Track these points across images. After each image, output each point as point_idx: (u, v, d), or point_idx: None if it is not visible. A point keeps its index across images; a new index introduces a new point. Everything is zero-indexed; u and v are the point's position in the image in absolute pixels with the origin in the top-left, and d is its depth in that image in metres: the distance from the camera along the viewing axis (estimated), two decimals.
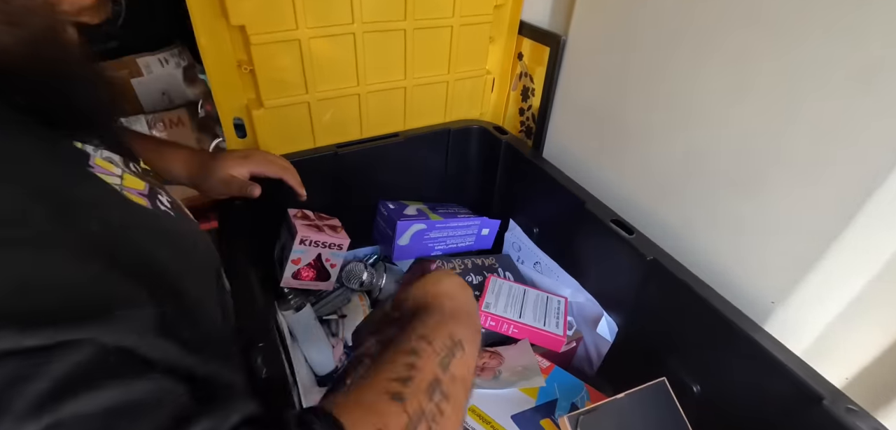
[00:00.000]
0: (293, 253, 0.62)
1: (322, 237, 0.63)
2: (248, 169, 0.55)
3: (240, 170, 0.54)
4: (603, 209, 0.61)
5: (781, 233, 0.47)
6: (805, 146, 0.44)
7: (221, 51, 0.54)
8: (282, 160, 0.60)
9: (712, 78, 0.50)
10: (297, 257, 0.63)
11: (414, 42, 0.65)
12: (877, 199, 0.41)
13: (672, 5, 0.53)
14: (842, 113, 0.41)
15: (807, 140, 0.44)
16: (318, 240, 0.63)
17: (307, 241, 0.62)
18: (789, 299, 0.49)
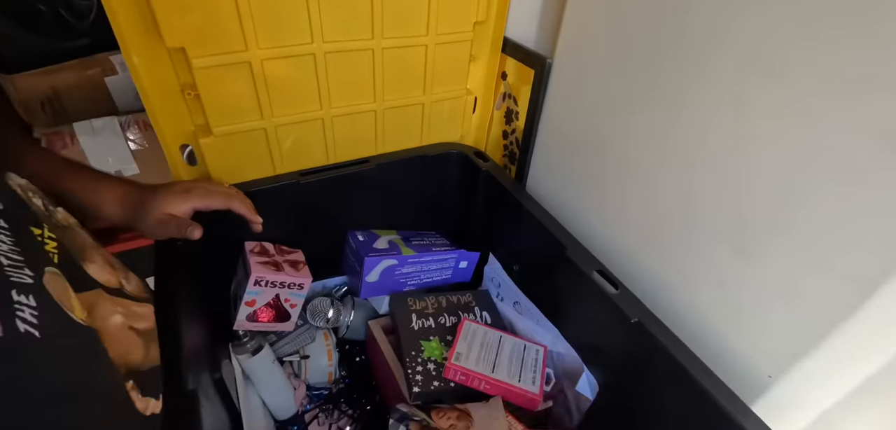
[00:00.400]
0: (247, 294, 0.57)
1: (280, 277, 0.58)
2: (190, 205, 0.49)
3: (179, 207, 0.49)
4: (586, 258, 0.55)
5: (786, 303, 0.42)
6: (821, 213, 0.38)
7: (159, 73, 0.49)
8: (229, 189, 0.54)
9: (715, 121, 0.44)
10: (251, 299, 0.57)
11: (384, 63, 0.59)
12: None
13: (669, 34, 0.46)
14: (866, 179, 0.35)
15: (824, 207, 0.38)
16: (275, 280, 0.58)
17: (263, 281, 0.57)
18: (788, 375, 0.44)
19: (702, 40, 0.44)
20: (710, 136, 0.45)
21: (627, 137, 0.54)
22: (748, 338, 0.46)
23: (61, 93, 0.79)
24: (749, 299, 0.45)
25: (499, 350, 0.60)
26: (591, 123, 0.58)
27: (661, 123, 0.49)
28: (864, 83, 0.34)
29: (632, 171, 0.54)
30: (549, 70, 0.63)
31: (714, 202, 0.46)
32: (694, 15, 0.44)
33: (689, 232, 0.49)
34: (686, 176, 0.48)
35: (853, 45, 0.34)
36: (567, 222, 0.60)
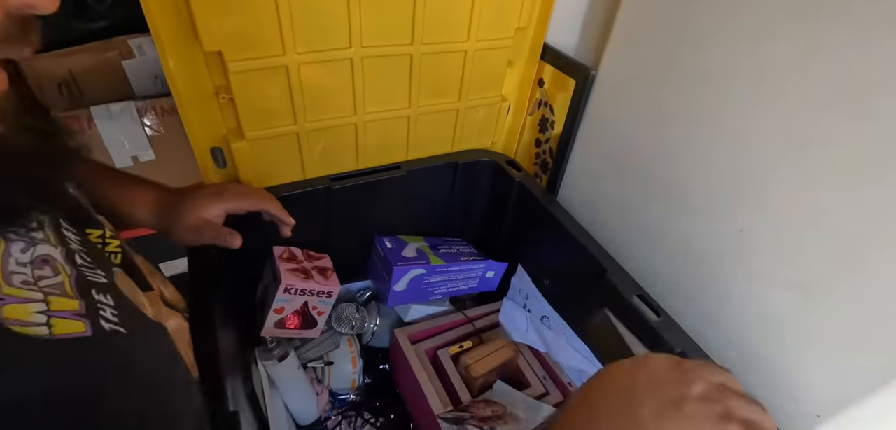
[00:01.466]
0: (276, 302, 0.55)
1: (309, 285, 0.57)
2: (222, 208, 0.48)
3: (212, 211, 0.47)
4: (626, 281, 0.54)
5: (844, 344, 0.41)
6: (886, 264, 0.36)
7: (195, 76, 0.46)
8: (260, 191, 0.53)
9: (778, 152, 0.42)
10: (280, 306, 0.56)
11: (421, 68, 0.57)
12: None
13: (731, 54, 0.44)
14: None
15: (889, 259, 0.36)
16: (304, 288, 0.57)
17: (293, 289, 0.56)
18: (839, 417, 0.43)
19: (774, 70, 0.41)
20: (774, 161, 0.43)
21: (677, 156, 0.51)
22: (799, 375, 0.44)
23: (78, 75, 0.76)
24: (800, 338, 0.43)
25: None
26: (635, 141, 0.56)
27: (714, 151, 0.47)
28: None
29: (678, 194, 0.52)
30: (593, 81, 0.60)
31: (775, 234, 0.44)
32: (769, 48, 0.41)
33: (738, 263, 0.47)
34: (743, 203, 0.46)
35: None
36: (600, 239, 0.59)
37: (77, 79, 0.77)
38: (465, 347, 0.64)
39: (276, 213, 0.52)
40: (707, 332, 0.50)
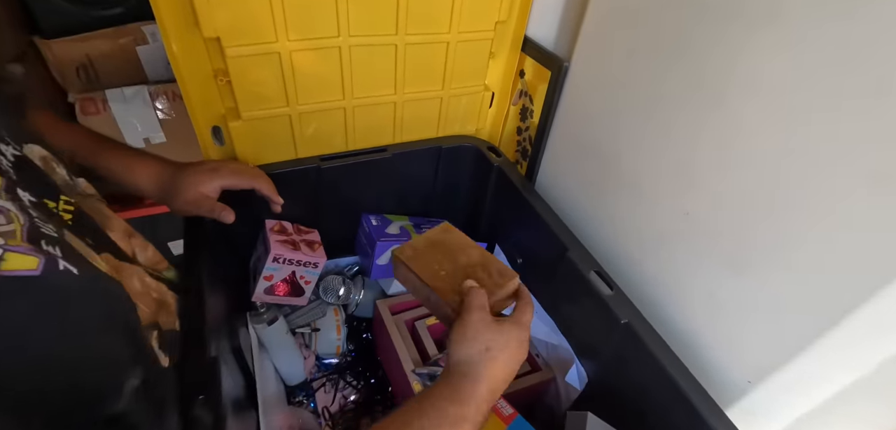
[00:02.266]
0: (266, 270, 0.61)
1: (297, 256, 0.62)
2: (218, 183, 0.53)
3: (209, 186, 0.52)
4: (586, 258, 0.58)
5: (770, 313, 0.45)
6: (813, 234, 0.40)
7: (195, 60, 0.52)
8: (254, 169, 0.58)
9: (720, 142, 0.46)
10: (269, 274, 0.62)
11: (406, 57, 0.61)
12: (879, 300, 0.38)
13: (684, 56, 0.48)
14: (856, 206, 0.37)
15: (816, 228, 0.40)
16: (292, 258, 0.62)
17: (281, 259, 0.61)
18: (766, 382, 0.47)
19: (710, 62, 0.45)
20: (714, 154, 0.47)
21: (634, 147, 0.56)
22: (732, 345, 0.49)
23: (95, 60, 0.82)
24: (736, 310, 0.48)
25: None
26: (601, 130, 0.61)
27: (667, 138, 0.51)
28: (860, 122, 0.36)
29: (636, 180, 0.56)
30: (566, 73, 0.64)
31: (713, 218, 0.48)
32: (711, 49, 0.45)
33: (686, 243, 0.52)
34: (688, 190, 0.50)
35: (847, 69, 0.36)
36: (572, 222, 0.63)
37: (94, 63, 0.83)
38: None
39: (267, 192, 0.57)
40: (656, 304, 0.55)
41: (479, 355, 0.36)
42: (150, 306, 0.41)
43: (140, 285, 0.41)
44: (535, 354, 0.68)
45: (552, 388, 0.67)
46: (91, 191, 0.43)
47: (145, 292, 0.42)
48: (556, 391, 0.66)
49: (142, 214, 0.86)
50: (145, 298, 0.41)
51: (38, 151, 0.38)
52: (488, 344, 0.36)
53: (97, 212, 0.42)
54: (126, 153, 0.52)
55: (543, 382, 0.65)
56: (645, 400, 0.52)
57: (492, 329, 0.37)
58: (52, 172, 0.38)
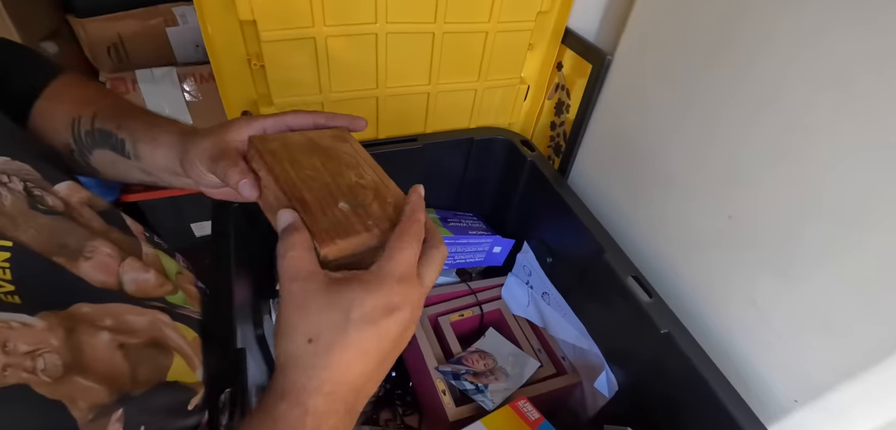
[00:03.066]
0: None
1: None
2: (258, 125, 0.37)
3: (236, 133, 0.36)
4: (623, 262, 0.56)
5: (822, 328, 0.42)
6: (879, 244, 0.38)
7: (230, 43, 0.51)
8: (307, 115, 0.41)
9: (774, 141, 0.43)
10: None
11: (443, 46, 0.59)
12: None
13: (741, 49, 0.45)
14: None
15: (883, 238, 0.37)
16: None
17: None
18: (816, 403, 0.45)
19: (774, 61, 0.42)
20: (767, 154, 0.44)
21: (677, 145, 0.53)
22: (780, 362, 0.46)
23: (126, 39, 0.82)
24: (783, 322, 0.45)
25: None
26: (642, 127, 0.58)
27: (715, 137, 0.49)
28: None
29: (677, 181, 0.54)
30: (608, 67, 0.61)
31: (761, 222, 0.46)
32: (771, 44, 0.42)
33: (728, 248, 0.49)
34: (734, 192, 0.47)
35: None
36: (606, 222, 0.61)
37: (125, 42, 0.83)
38: (465, 315, 0.67)
39: (338, 123, 0.41)
40: (697, 314, 0.52)
41: (299, 353, 0.25)
42: (121, 365, 0.34)
43: (110, 336, 0.34)
44: (561, 356, 0.66)
45: (577, 392, 0.65)
46: (72, 200, 0.36)
47: (117, 344, 0.34)
48: (582, 396, 0.65)
49: (165, 194, 0.87)
50: (115, 357, 0.34)
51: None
52: (313, 332, 0.25)
53: (70, 235, 0.34)
54: (150, 116, 0.41)
55: (569, 385, 0.64)
56: (681, 414, 0.50)
57: (321, 304, 0.25)
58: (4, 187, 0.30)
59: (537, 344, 0.68)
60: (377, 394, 0.69)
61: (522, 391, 0.60)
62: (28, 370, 0.27)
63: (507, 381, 0.60)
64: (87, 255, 0.34)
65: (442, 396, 0.56)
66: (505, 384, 0.59)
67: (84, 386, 0.30)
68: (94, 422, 0.30)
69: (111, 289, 0.36)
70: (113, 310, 0.35)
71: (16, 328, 0.28)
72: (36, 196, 0.33)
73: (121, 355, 0.34)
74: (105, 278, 0.35)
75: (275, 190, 0.31)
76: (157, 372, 0.36)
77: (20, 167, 0.33)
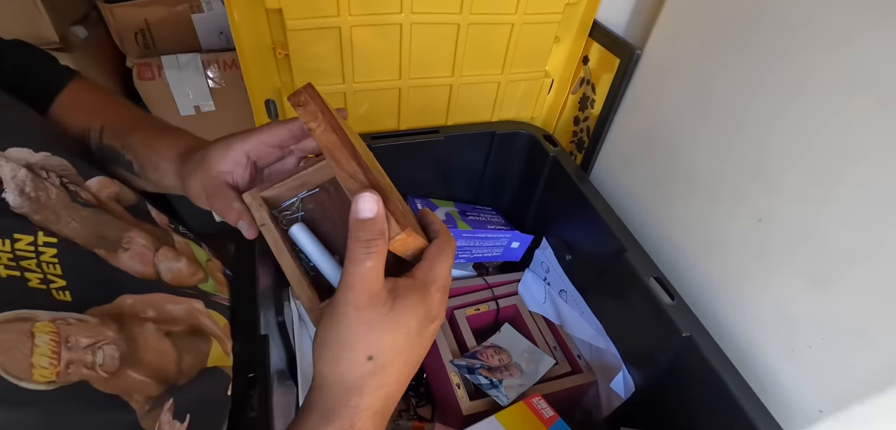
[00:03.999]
0: None
1: None
2: (240, 149, 0.37)
3: (225, 162, 0.37)
4: (645, 262, 0.55)
5: (853, 336, 0.41)
6: None
7: (256, 31, 0.51)
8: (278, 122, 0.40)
9: (813, 142, 0.42)
10: None
11: (467, 38, 0.58)
12: None
13: (776, 46, 0.43)
14: None
15: None
16: None
17: None
18: (842, 413, 0.44)
19: (811, 55, 0.40)
20: (804, 156, 0.42)
21: (706, 144, 0.52)
22: (805, 369, 0.45)
23: (152, 25, 0.83)
24: (811, 329, 0.44)
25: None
26: (670, 123, 0.56)
27: (747, 137, 0.47)
28: None
29: (705, 180, 0.52)
30: (637, 61, 0.60)
31: (793, 225, 0.44)
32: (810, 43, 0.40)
33: (756, 251, 0.48)
34: (765, 193, 0.46)
35: None
36: (628, 221, 0.60)
37: (151, 28, 0.84)
38: (481, 309, 0.67)
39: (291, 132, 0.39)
40: (720, 318, 0.51)
41: (358, 371, 0.24)
42: (169, 353, 0.34)
43: (154, 326, 0.34)
44: (577, 355, 0.66)
45: (592, 391, 0.65)
46: (102, 196, 0.36)
47: (163, 332, 0.35)
48: (597, 396, 0.64)
49: None
50: (163, 346, 0.34)
51: (24, 155, 0.31)
52: (375, 350, 0.24)
53: (108, 228, 0.34)
54: (151, 126, 0.42)
55: (585, 384, 0.63)
56: (700, 420, 0.49)
57: (389, 323, 0.24)
58: (40, 193, 0.31)
59: (553, 341, 0.67)
60: None
61: (537, 387, 0.59)
62: (88, 366, 0.27)
63: (521, 377, 0.59)
64: (125, 246, 0.35)
65: (456, 389, 0.56)
66: (519, 380, 0.59)
67: (136, 380, 0.30)
68: (150, 413, 0.30)
69: (150, 279, 0.36)
70: (154, 300, 0.36)
71: (74, 324, 0.28)
72: (72, 190, 0.33)
73: (169, 343, 0.34)
74: (143, 268, 0.36)
75: (347, 161, 0.26)
76: (199, 358, 0.37)
77: (59, 162, 0.34)
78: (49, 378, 0.25)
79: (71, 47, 0.77)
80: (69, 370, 0.26)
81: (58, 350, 0.26)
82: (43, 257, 0.29)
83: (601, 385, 0.63)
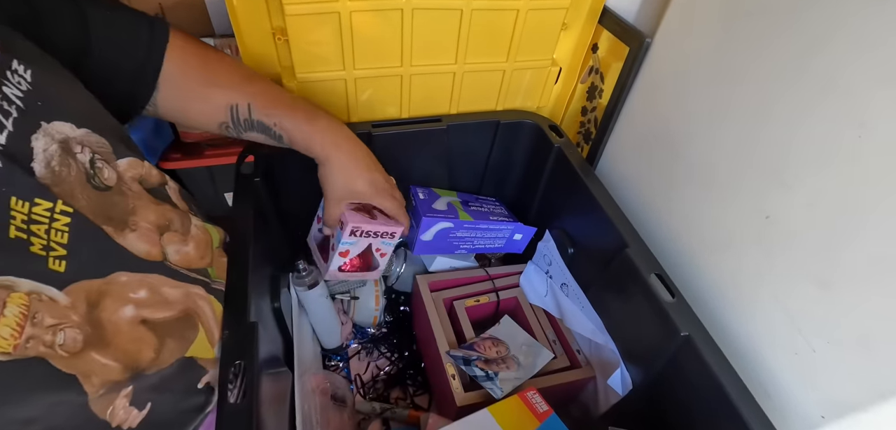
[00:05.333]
0: (341, 245, 0.56)
1: (375, 227, 0.56)
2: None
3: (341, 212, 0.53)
4: (647, 258, 0.53)
5: (860, 342, 0.39)
6: None
7: (255, 15, 0.51)
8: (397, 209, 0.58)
9: (828, 138, 0.39)
10: (345, 249, 0.57)
11: (471, 24, 0.57)
12: None
13: (798, 39, 0.41)
14: None
15: None
16: (370, 230, 0.56)
17: (358, 231, 0.56)
18: (844, 421, 0.42)
19: (835, 51, 0.38)
20: (818, 152, 0.40)
21: (716, 138, 0.50)
22: (807, 374, 0.43)
23: (167, 10, 0.84)
24: (816, 333, 0.42)
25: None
26: (680, 117, 0.54)
27: (760, 132, 0.45)
28: None
29: (712, 176, 0.51)
30: (647, 50, 0.58)
31: (802, 224, 0.42)
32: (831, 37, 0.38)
33: (762, 250, 0.46)
34: (775, 190, 0.44)
35: None
36: (632, 214, 0.58)
37: (166, 12, 0.85)
38: (480, 301, 0.67)
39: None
40: (723, 317, 0.50)
41: None
42: (144, 340, 0.37)
43: (135, 311, 0.37)
44: (575, 350, 0.65)
45: (590, 387, 0.64)
46: (127, 174, 0.39)
47: (140, 319, 0.37)
48: (595, 392, 0.63)
49: (200, 163, 0.90)
50: (136, 332, 0.37)
51: (65, 129, 0.34)
52: None
53: (117, 208, 0.37)
54: (300, 116, 0.49)
55: (582, 380, 0.63)
56: (697, 421, 0.48)
57: None
58: (63, 167, 0.33)
59: (552, 335, 0.67)
60: (389, 372, 0.70)
61: (534, 381, 0.59)
62: (47, 344, 0.30)
63: (518, 370, 0.59)
64: (132, 227, 0.38)
65: (451, 380, 0.56)
66: (515, 373, 0.58)
67: (100, 363, 0.33)
68: (102, 397, 0.33)
69: (154, 260, 0.39)
70: (150, 280, 0.38)
71: (45, 301, 0.30)
72: (94, 170, 0.36)
73: (146, 330, 0.37)
74: (149, 248, 0.39)
75: None
76: (182, 346, 0.39)
77: (98, 140, 0.37)
78: (5, 349, 0.27)
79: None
80: (28, 344, 0.28)
81: (23, 324, 0.28)
82: (55, 225, 0.31)
83: (599, 381, 0.62)
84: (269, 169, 0.58)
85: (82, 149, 0.35)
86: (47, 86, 0.33)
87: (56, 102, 0.34)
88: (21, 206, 0.30)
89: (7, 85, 0.30)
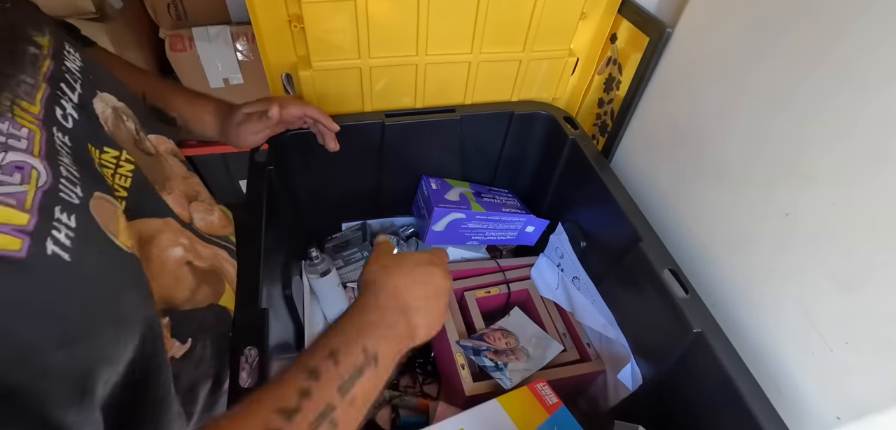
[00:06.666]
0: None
1: None
2: (267, 134, 0.55)
3: (256, 137, 0.54)
4: (661, 253, 0.53)
5: (881, 343, 0.38)
6: None
7: (271, 2, 0.51)
8: (304, 107, 0.54)
9: (850, 138, 0.38)
10: None
11: (487, 13, 0.57)
12: None
13: (823, 29, 0.39)
14: None
15: None
16: None
17: None
18: (861, 423, 0.41)
19: (861, 41, 0.37)
20: (843, 149, 0.39)
21: (736, 132, 0.49)
22: (823, 374, 0.42)
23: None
24: (834, 333, 0.41)
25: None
26: (699, 110, 0.53)
27: (782, 127, 0.44)
28: None
29: (731, 171, 0.49)
30: (667, 40, 0.56)
31: (823, 223, 0.41)
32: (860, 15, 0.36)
33: (780, 247, 0.45)
34: (796, 187, 0.43)
35: None
36: (646, 210, 0.57)
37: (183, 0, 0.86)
38: (491, 292, 0.67)
39: (318, 117, 0.55)
40: (737, 314, 0.49)
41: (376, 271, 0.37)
42: (185, 280, 0.41)
43: (183, 252, 0.41)
44: (586, 343, 0.65)
45: (600, 380, 0.64)
46: (160, 149, 0.46)
47: (186, 260, 0.41)
48: (604, 386, 0.63)
49: (215, 150, 0.91)
50: (181, 272, 0.40)
51: (112, 100, 0.40)
52: (384, 262, 0.38)
53: (158, 172, 0.43)
54: (190, 93, 0.56)
55: (592, 373, 0.62)
56: (708, 419, 0.48)
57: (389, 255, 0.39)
58: (118, 127, 0.39)
59: (563, 328, 0.67)
60: (399, 360, 0.71)
61: (543, 373, 0.59)
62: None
63: (527, 362, 0.59)
64: (169, 190, 0.43)
65: (460, 370, 0.56)
66: (525, 365, 0.59)
67: None
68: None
69: (186, 222, 0.44)
70: (188, 234, 0.44)
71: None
72: (140, 136, 0.43)
73: (187, 270, 0.42)
74: (180, 211, 0.44)
75: None
76: (215, 291, 0.45)
77: (131, 115, 0.42)
78: (126, 244, 0.33)
79: (106, 17, 0.80)
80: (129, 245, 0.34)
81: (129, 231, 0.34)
82: (120, 170, 0.37)
83: (609, 375, 0.62)
84: (282, 157, 0.59)
85: (127, 118, 0.41)
86: (93, 65, 0.39)
87: (103, 77, 0.40)
88: (95, 153, 0.35)
89: (68, 59, 0.36)
